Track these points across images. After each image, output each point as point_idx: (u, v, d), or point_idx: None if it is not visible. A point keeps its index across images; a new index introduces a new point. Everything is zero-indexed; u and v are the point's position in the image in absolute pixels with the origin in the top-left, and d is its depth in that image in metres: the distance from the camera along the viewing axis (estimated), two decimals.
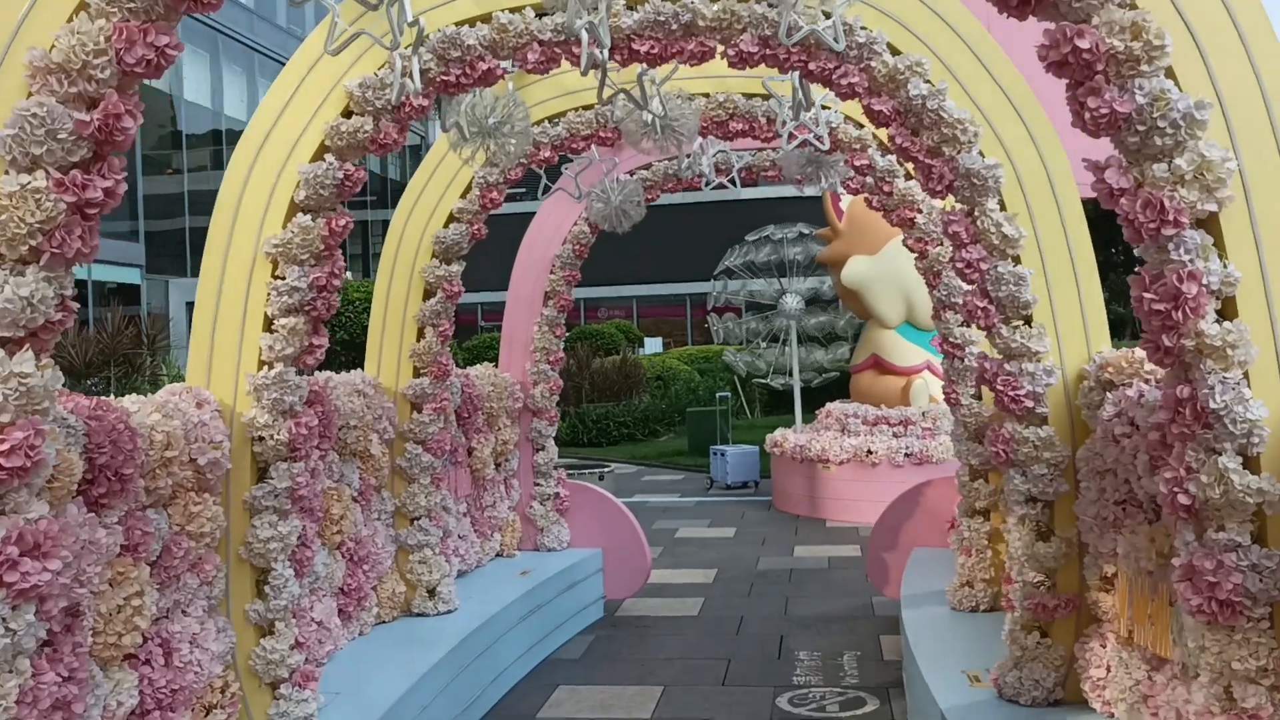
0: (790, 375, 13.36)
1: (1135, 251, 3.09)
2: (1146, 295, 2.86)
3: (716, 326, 13.96)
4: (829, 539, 10.64)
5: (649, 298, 41.23)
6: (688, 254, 39.84)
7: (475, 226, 5.98)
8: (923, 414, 11.68)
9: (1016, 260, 4.36)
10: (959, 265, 4.44)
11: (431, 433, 6.00)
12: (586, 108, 5.89)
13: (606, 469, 11.93)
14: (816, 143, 5.40)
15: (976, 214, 4.28)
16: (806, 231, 13.74)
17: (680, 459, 17.44)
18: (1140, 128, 2.79)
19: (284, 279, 4.14)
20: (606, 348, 24.65)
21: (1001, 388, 4.29)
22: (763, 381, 13.93)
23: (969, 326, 5.61)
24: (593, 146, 6.52)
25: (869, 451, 11.55)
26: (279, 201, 4.20)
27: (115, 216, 27.66)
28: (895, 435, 11.70)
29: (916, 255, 5.71)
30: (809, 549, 10.14)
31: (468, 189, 5.96)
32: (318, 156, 4.21)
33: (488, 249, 7.75)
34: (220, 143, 33.81)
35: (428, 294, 6.02)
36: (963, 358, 5.61)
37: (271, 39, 36.13)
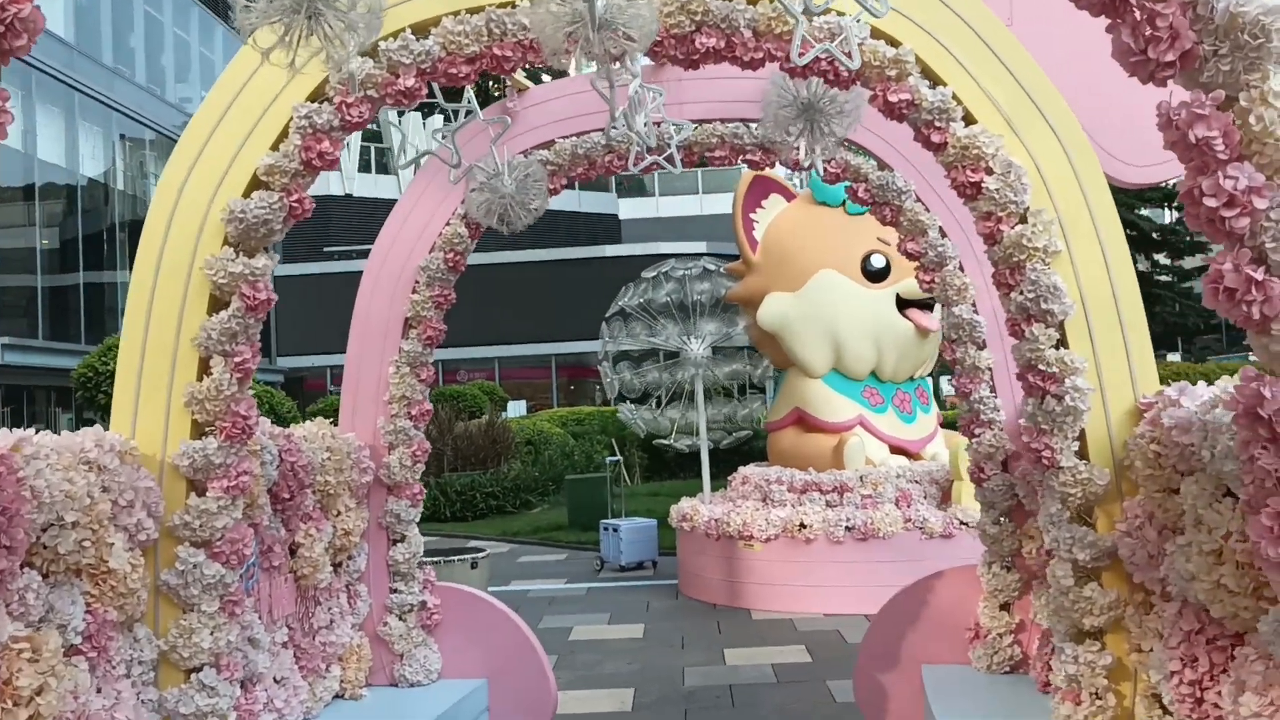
0: (696, 434, 11.32)
1: None
2: None
3: (610, 378, 11.85)
4: (764, 637, 8.55)
5: (512, 359, 39.06)
6: (552, 312, 37.89)
7: (294, 197, 3.74)
8: (860, 478, 9.75)
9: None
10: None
11: (222, 526, 3.70)
12: (475, 10, 3.76)
13: (480, 553, 9.62)
14: (843, 58, 3.41)
15: None
16: (713, 266, 11.80)
17: (560, 535, 15.18)
18: None
19: None
20: (470, 410, 22.25)
21: None
22: (666, 443, 11.83)
23: (1061, 348, 3.66)
24: (469, 98, 4.41)
25: (801, 525, 9.54)
26: None
27: None
28: (829, 505, 9.74)
29: (985, 237, 3.72)
30: (744, 653, 8.02)
31: (284, 133, 3.74)
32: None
33: (349, 301, 5.59)
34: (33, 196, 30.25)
35: (217, 303, 3.76)
36: (1061, 394, 3.62)
37: (95, 77, 32.78)
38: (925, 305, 10.49)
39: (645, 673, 7.56)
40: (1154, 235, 34.58)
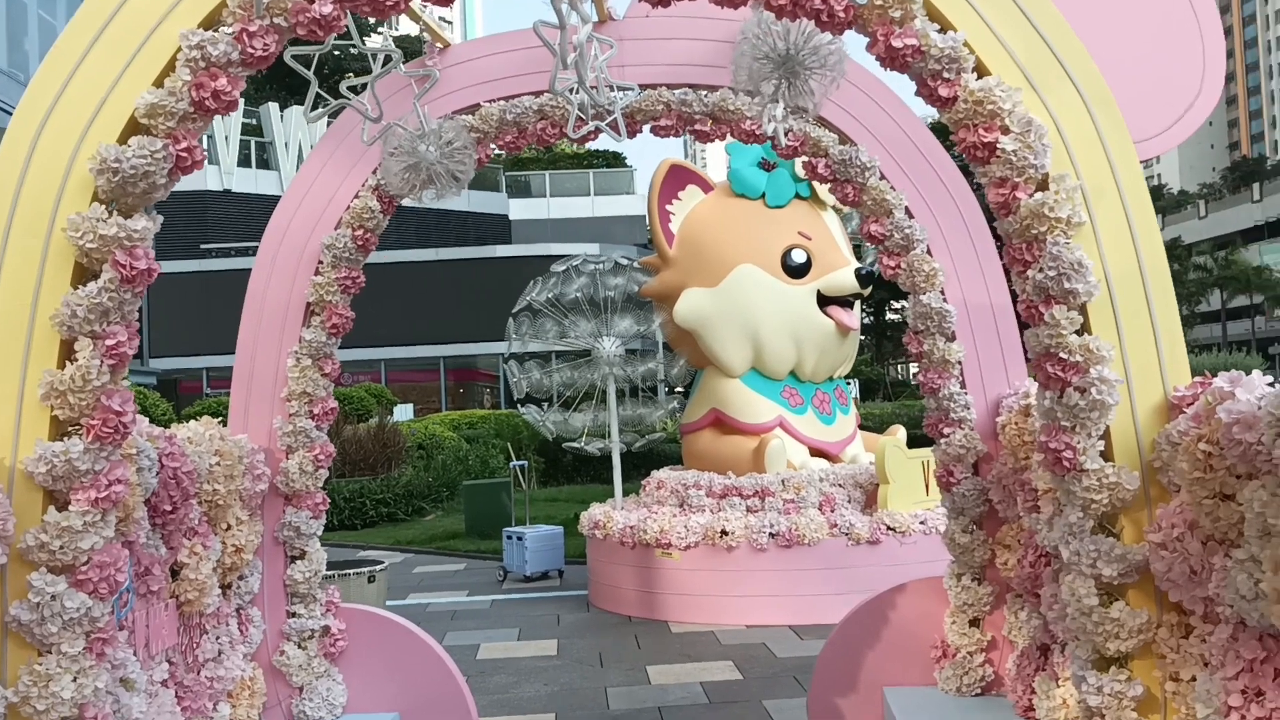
0: (609, 437, 10.74)
1: None
2: None
3: (517, 378, 11.19)
4: (687, 653, 8.02)
5: (399, 360, 37.99)
6: (441, 313, 36.92)
7: (182, 145, 3.06)
8: (782, 482, 9.31)
9: None
10: None
11: (88, 547, 3.00)
12: None
13: (378, 566, 8.89)
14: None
15: None
16: (626, 260, 11.24)
17: (458, 544, 14.44)
18: None
19: None
20: (357, 413, 21.27)
21: None
22: (576, 446, 11.22)
23: (1084, 333, 3.21)
24: (387, 47, 3.80)
25: (723, 532, 9.05)
26: None
27: None
28: (751, 510, 9.27)
29: (999, 207, 3.25)
30: (669, 671, 7.48)
31: (170, 66, 3.05)
32: None
33: (228, 300, 4.89)
34: None
35: (84, 273, 3.05)
36: (1085, 386, 3.16)
37: None
38: (845, 303, 10.13)
39: (565, 696, 6.96)
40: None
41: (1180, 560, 3.03)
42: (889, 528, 8.90)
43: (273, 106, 42.41)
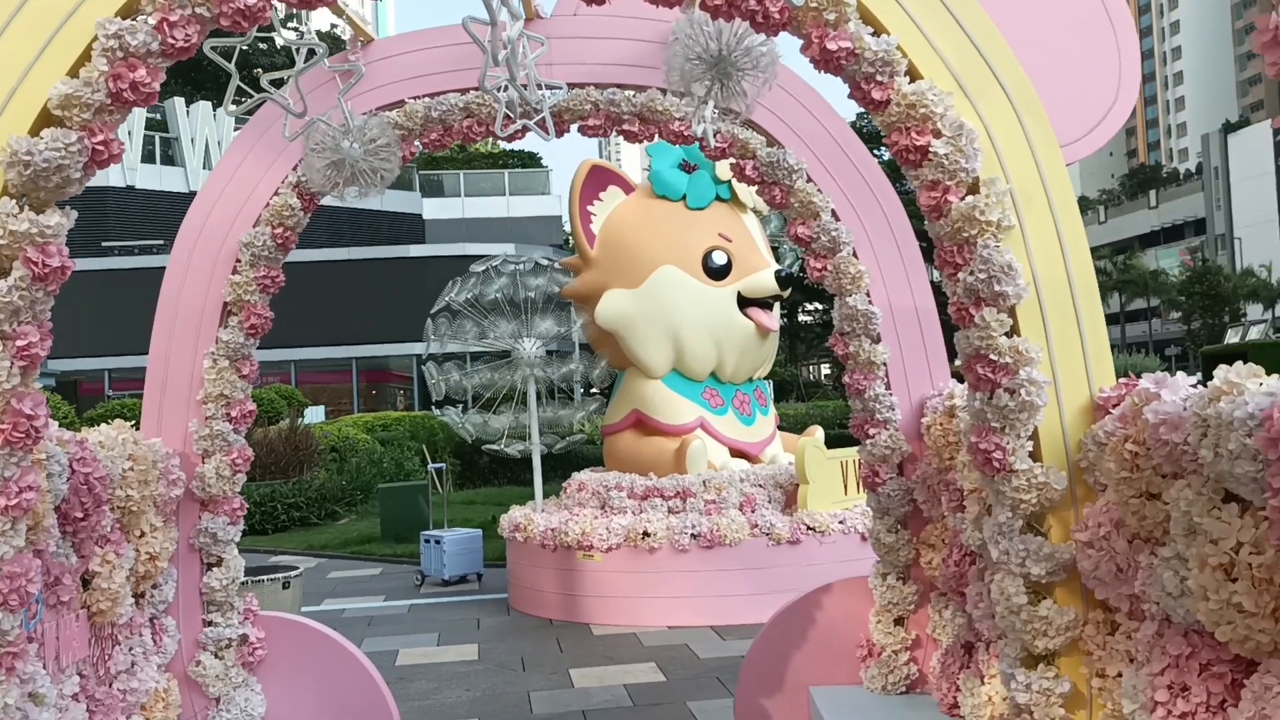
0: (529, 439, 10.65)
1: None
2: None
3: (435, 380, 11.03)
4: (611, 654, 7.98)
5: (309, 362, 37.28)
6: (353, 314, 36.31)
7: (98, 138, 2.94)
8: (704, 483, 9.33)
9: None
10: None
11: None
12: None
13: (293, 572, 8.71)
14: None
15: None
16: (547, 261, 11.17)
17: (373, 548, 14.21)
18: None
19: None
20: (268, 415, 20.82)
21: None
22: (495, 448, 11.11)
23: (1013, 335, 3.25)
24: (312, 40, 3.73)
25: (645, 534, 9.04)
26: None
27: None
28: (672, 511, 9.28)
29: (930, 210, 3.28)
30: (592, 674, 7.44)
31: (84, 56, 2.93)
32: None
33: (131, 300, 4.71)
34: None
35: None
36: (1014, 388, 3.20)
37: None
38: (765, 305, 10.19)
39: (488, 701, 6.88)
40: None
41: (1107, 558, 3.09)
42: (809, 528, 8.98)
43: (178, 101, 41.32)
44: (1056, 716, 3.24)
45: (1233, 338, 39.21)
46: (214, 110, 41.89)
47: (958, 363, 3.61)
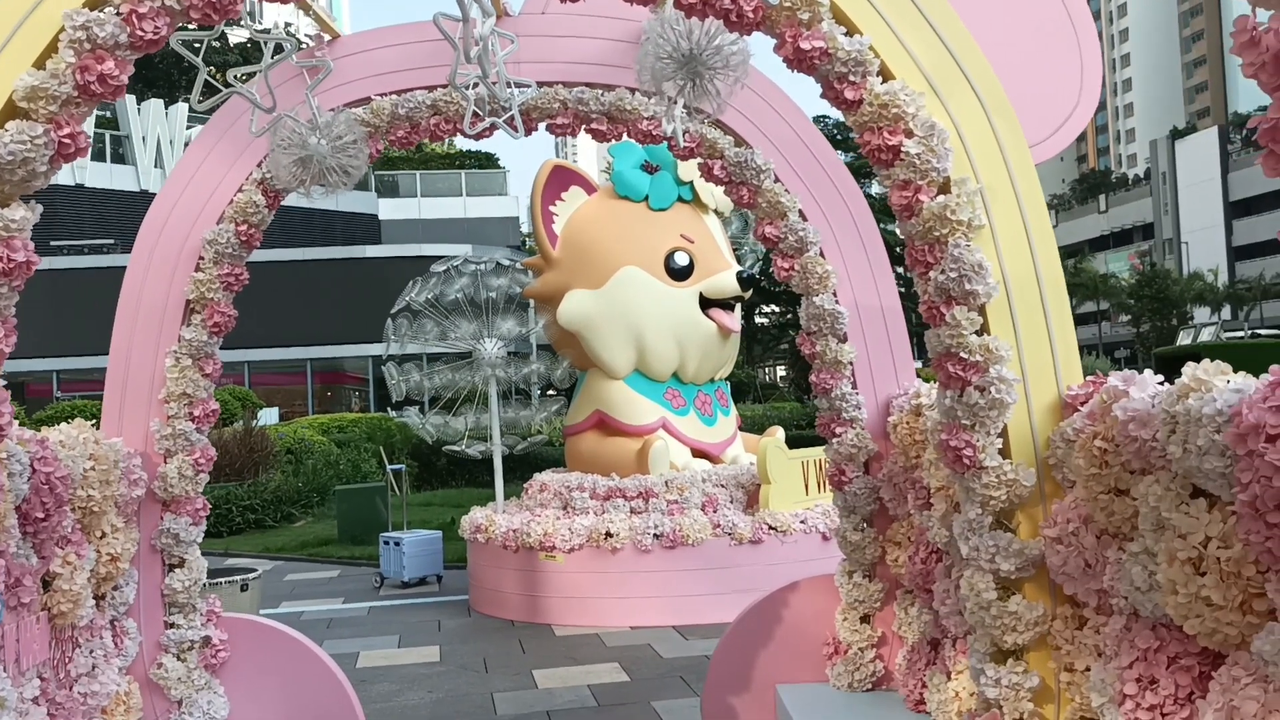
0: (490, 440, 10.60)
1: None
2: None
3: (395, 380, 10.95)
4: (574, 655, 7.97)
5: (264, 363, 36.85)
6: (308, 315, 35.93)
7: (65, 131, 2.89)
8: (666, 484, 9.35)
9: None
10: None
11: None
12: None
13: (251, 574, 8.61)
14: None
15: None
16: (508, 261, 11.13)
17: (331, 550, 14.09)
18: None
19: None
20: (223, 417, 20.57)
21: None
22: (456, 449, 11.05)
23: (983, 333, 3.29)
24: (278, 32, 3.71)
25: (607, 534, 9.04)
26: None
27: None
28: (634, 512, 9.28)
29: (902, 209, 3.30)
30: (555, 674, 7.42)
31: (51, 48, 2.88)
32: None
33: (81, 300, 4.62)
34: None
35: None
36: (984, 385, 3.24)
37: None
38: (727, 305, 10.22)
39: (451, 702, 6.84)
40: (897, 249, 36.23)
41: (1075, 554, 3.13)
42: (771, 527, 9.02)
43: (129, 99, 40.68)
44: (1025, 711, 3.28)
45: (1185, 339, 40.05)
46: (166, 108, 41.32)
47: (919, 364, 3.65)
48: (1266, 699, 2.41)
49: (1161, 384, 2.91)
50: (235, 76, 3.82)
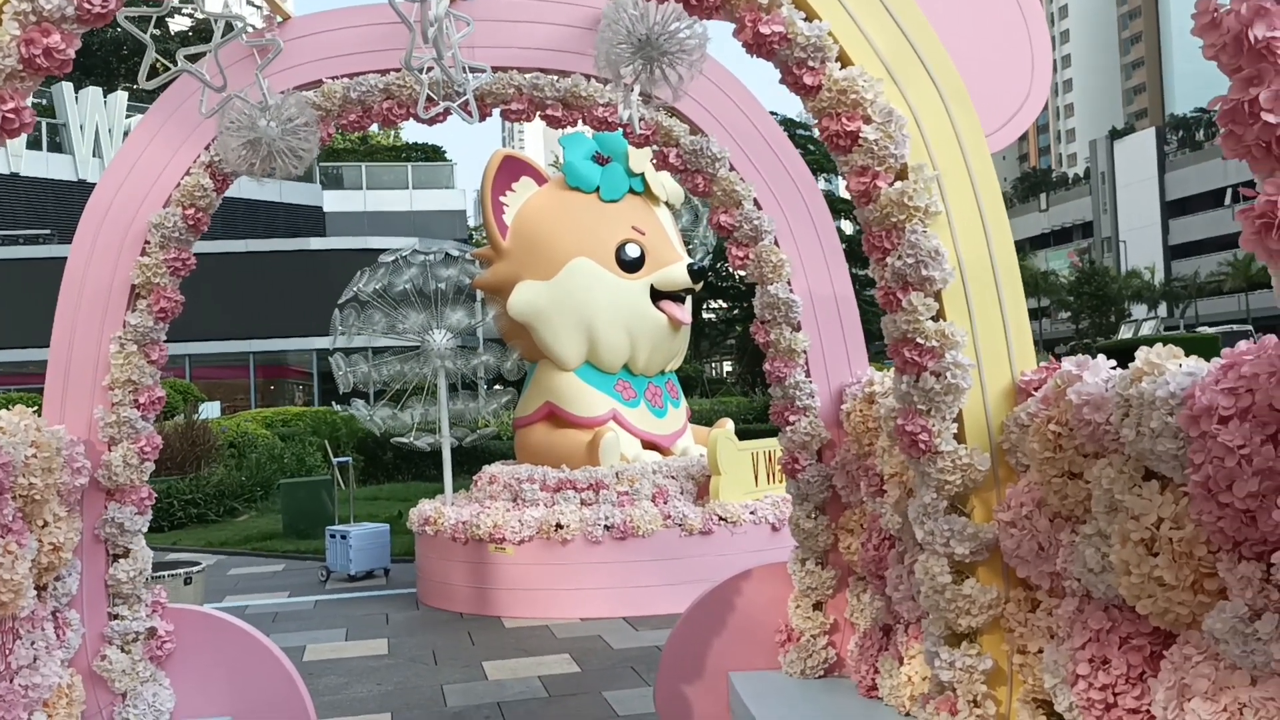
0: (439, 432, 10.52)
1: None
2: None
3: (343, 371, 10.83)
4: (524, 647, 7.93)
5: (205, 356, 36.29)
6: (250, 307, 35.43)
7: (9, 105, 2.81)
8: (616, 475, 9.34)
9: None
10: None
11: None
12: None
13: (195, 567, 8.47)
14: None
15: None
16: (457, 252, 11.04)
17: (275, 544, 13.90)
18: None
19: None
20: (164, 410, 20.24)
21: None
22: (404, 441, 10.95)
23: (939, 319, 3.31)
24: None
25: (558, 525, 9.01)
26: None
27: None
28: (585, 504, 9.26)
29: (859, 195, 3.32)
30: (505, 666, 7.38)
31: None
32: None
33: (14, 290, 4.51)
34: None
35: None
36: (940, 371, 3.27)
37: None
38: (678, 298, 10.23)
39: (400, 695, 6.77)
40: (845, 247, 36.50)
41: (1029, 537, 3.17)
42: (721, 518, 9.04)
43: (66, 87, 39.82)
44: (979, 693, 3.31)
45: (1126, 333, 41.19)
46: (105, 96, 40.51)
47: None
48: (1217, 676, 2.46)
49: (1115, 369, 2.95)
50: (184, 56, 3.75)
